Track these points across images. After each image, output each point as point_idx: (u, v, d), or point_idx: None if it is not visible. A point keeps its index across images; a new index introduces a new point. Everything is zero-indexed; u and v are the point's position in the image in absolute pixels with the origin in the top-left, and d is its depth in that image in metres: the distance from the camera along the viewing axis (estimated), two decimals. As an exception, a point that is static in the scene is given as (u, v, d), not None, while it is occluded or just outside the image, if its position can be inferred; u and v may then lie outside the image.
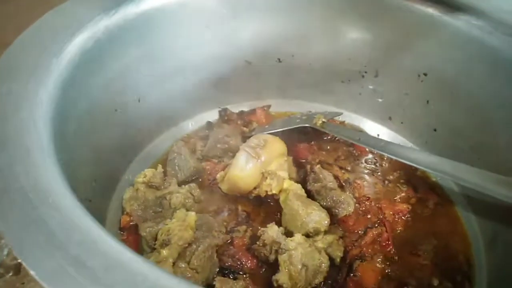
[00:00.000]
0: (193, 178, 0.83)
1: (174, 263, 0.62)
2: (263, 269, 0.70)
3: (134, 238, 0.72)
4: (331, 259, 0.69)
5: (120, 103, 0.75)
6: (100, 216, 0.73)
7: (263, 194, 0.79)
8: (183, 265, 0.62)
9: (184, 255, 0.64)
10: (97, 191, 0.71)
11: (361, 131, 0.98)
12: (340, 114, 0.97)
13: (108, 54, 0.69)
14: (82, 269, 0.32)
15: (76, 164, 0.61)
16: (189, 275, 0.62)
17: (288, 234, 0.72)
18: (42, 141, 0.45)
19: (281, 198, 0.77)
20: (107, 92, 0.70)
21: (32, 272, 0.31)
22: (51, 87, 0.54)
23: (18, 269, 0.79)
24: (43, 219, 0.35)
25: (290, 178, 0.80)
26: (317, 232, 0.72)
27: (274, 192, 0.78)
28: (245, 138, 0.89)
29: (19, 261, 0.79)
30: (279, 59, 0.95)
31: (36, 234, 0.34)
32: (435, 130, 0.89)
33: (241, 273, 0.68)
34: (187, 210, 0.73)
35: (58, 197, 0.38)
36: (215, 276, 0.66)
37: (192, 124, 0.96)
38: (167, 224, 0.68)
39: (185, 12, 0.78)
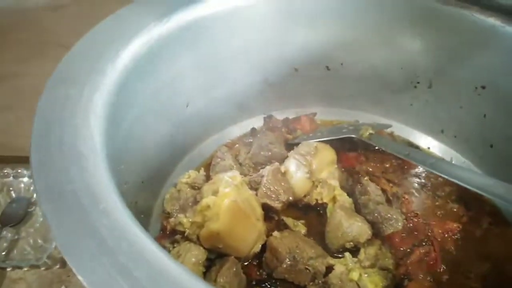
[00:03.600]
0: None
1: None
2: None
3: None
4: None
5: (169, 108, 0.76)
6: (145, 218, 0.75)
7: (313, 203, 0.78)
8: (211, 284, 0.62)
9: (209, 276, 0.65)
10: (143, 193, 0.73)
11: (410, 143, 0.95)
12: (389, 126, 0.94)
13: (160, 60, 0.70)
14: (129, 278, 0.33)
15: (126, 167, 0.62)
16: None
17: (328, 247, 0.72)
18: (95, 146, 0.46)
19: (328, 207, 0.77)
20: (157, 97, 0.72)
21: (80, 278, 0.32)
22: (105, 92, 0.55)
23: (64, 262, 0.82)
24: (94, 225, 0.36)
25: (341, 187, 0.79)
26: (356, 244, 0.70)
27: (324, 201, 0.77)
28: (288, 145, 0.88)
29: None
30: (327, 67, 0.93)
31: (87, 240, 0.35)
32: (491, 146, 0.84)
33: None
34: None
35: (109, 203, 0.39)
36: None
37: (237, 130, 0.96)
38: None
39: (236, 19, 0.78)
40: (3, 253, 0.82)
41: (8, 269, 0.81)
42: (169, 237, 0.73)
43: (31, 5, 1.39)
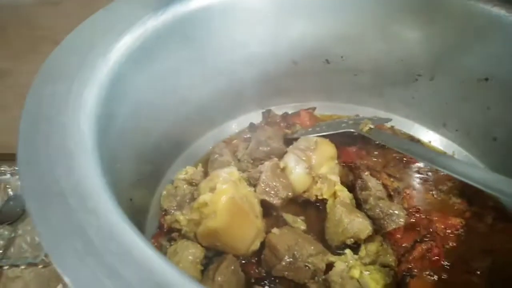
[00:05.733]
0: (234, 179, 0.81)
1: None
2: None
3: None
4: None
5: (165, 103, 0.75)
6: (141, 215, 0.74)
7: (312, 198, 0.77)
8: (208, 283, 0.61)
9: (207, 274, 0.63)
10: (139, 190, 0.72)
11: (411, 137, 0.93)
12: (389, 120, 0.92)
13: (155, 54, 0.68)
14: (117, 279, 0.32)
15: (120, 164, 0.61)
16: None
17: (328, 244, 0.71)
18: (85, 143, 0.45)
19: (328, 203, 0.75)
20: (152, 91, 0.70)
21: (66, 279, 0.30)
22: (96, 87, 0.54)
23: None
24: (81, 225, 0.35)
25: (341, 183, 0.77)
26: (356, 241, 0.69)
27: (325, 196, 0.75)
28: (287, 140, 0.87)
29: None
30: (327, 60, 0.91)
31: (73, 240, 0.34)
32: (494, 139, 0.82)
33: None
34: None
35: (98, 202, 0.37)
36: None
37: (235, 126, 0.95)
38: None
39: (232, 12, 0.76)
40: (0, 252, 0.82)
41: (5, 268, 0.81)
42: (166, 234, 0.72)
43: (26, 1, 1.38)
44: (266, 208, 0.73)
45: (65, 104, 0.48)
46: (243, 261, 0.68)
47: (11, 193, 0.94)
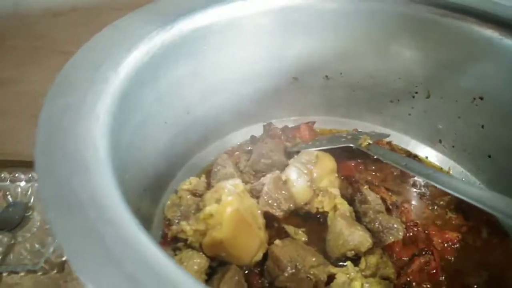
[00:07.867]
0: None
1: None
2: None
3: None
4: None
5: (170, 116, 0.76)
6: (147, 225, 0.75)
7: (313, 211, 0.79)
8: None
9: (211, 283, 0.65)
10: (145, 200, 0.73)
11: (408, 153, 0.95)
12: (387, 136, 0.94)
13: (162, 69, 0.70)
14: (136, 285, 0.33)
15: (128, 175, 0.62)
16: None
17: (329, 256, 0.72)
18: (99, 154, 0.46)
19: (329, 216, 0.77)
20: (159, 105, 0.72)
21: (90, 287, 0.32)
22: (108, 101, 0.55)
23: (62, 267, 0.83)
24: (100, 234, 0.36)
25: (341, 196, 0.79)
26: (357, 253, 0.70)
27: (325, 209, 0.77)
28: (288, 153, 0.89)
29: (63, 259, 0.82)
30: (326, 76, 0.93)
31: (93, 249, 0.35)
32: (489, 156, 0.85)
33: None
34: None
35: (114, 212, 0.39)
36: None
37: (237, 138, 0.97)
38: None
39: (234, 29, 0.79)
40: (-1, 258, 0.82)
41: (4, 274, 0.81)
42: (170, 244, 0.72)
43: (29, 11, 1.39)
44: (268, 220, 0.75)
45: (80, 116, 0.50)
46: (246, 272, 0.69)
47: (10, 199, 0.94)
